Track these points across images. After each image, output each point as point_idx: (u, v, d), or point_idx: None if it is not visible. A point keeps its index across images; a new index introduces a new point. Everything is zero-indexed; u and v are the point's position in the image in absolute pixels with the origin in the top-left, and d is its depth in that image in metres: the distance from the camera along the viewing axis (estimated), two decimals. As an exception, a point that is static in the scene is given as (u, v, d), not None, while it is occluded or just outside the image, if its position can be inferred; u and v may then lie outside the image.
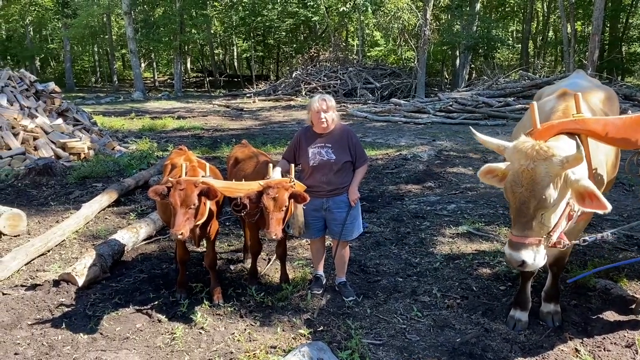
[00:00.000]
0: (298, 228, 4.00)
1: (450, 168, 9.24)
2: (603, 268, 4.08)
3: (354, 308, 4.09)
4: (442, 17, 32.68)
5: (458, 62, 28.17)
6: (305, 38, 37.81)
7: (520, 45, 33.35)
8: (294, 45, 37.61)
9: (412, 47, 27.62)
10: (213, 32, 36.46)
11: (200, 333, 3.76)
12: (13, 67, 26.07)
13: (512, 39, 36.34)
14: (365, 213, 6.39)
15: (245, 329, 3.80)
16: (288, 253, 4.87)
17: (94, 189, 7.74)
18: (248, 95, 27.83)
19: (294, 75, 28.68)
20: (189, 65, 46.30)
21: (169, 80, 42.29)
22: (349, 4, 27.79)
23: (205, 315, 3.95)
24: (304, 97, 24.66)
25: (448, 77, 32.67)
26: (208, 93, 33.24)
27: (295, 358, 3.18)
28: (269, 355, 3.41)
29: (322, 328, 3.78)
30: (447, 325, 3.81)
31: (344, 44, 34.66)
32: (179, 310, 4.05)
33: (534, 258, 2.85)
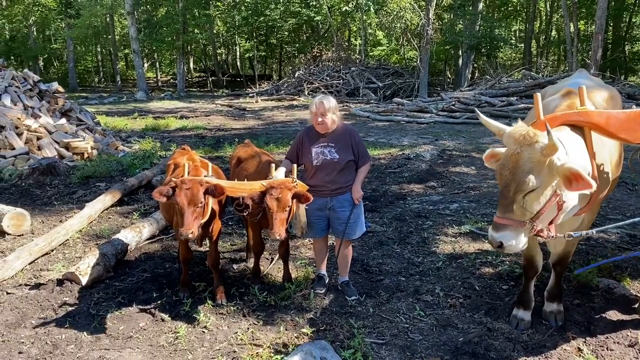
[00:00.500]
0: (300, 228, 4.01)
1: (453, 167, 9.24)
2: (612, 260, 4.07)
3: (357, 307, 4.10)
4: (444, 16, 32.64)
5: (461, 61, 28.12)
6: (308, 38, 37.84)
7: (523, 45, 33.25)
8: (297, 45, 37.60)
9: (414, 46, 27.61)
10: (216, 32, 36.48)
11: (204, 332, 3.77)
12: (16, 67, 26.13)
13: (514, 39, 36.27)
14: (368, 212, 6.39)
15: (248, 328, 3.81)
16: (291, 252, 4.87)
17: (98, 189, 7.77)
18: (251, 95, 27.86)
19: (297, 75, 28.69)
20: (192, 65, 46.35)
21: (172, 80, 42.33)
22: (352, 4, 27.80)
23: (208, 315, 3.97)
24: (307, 96, 24.67)
25: (451, 76, 32.61)
26: (211, 93, 33.28)
27: (298, 357, 3.18)
28: (272, 354, 3.42)
29: (324, 327, 3.78)
30: (449, 325, 3.81)
31: (347, 44, 34.69)
32: (182, 310, 4.06)
33: (513, 240, 2.90)
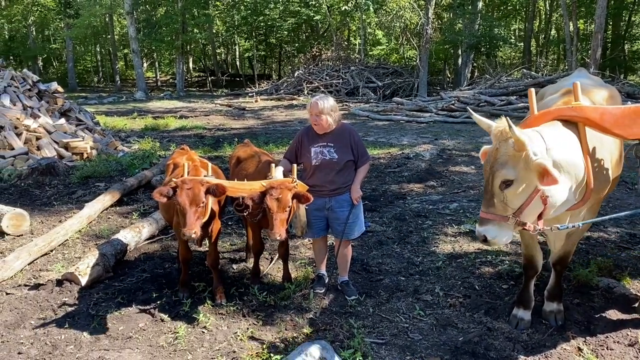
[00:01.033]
0: (300, 228, 4.00)
1: (453, 167, 9.23)
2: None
3: (357, 307, 4.10)
4: (444, 15, 32.64)
5: (460, 60, 28.11)
6: (307, 37, 37.79)
7: (523, 44, 33.23)
8: (296, 45, 37.57)
9: (414, 46, 27.60)
10: (215, 31, 36.44)
11: (203, 332, 3.77)
12: (16, 67, 26.09)
13: (514, 38, 36.25)
14: (368, 212, 6.39)
15: (248, 328, 3.81)
16: (290, 252, 4.87)
17: (97, 189, 7.76)
18: (250, 95, 27.83)
19: (296, 75, 28.66)
20: (191, 65, 46.31)
21: (171, 80, 42.28)
22: (351, 3, 27.76)
23: (208, 315, 3.96)
24: (306, 96, 24.64)
25: (450, 75, 32.59)
26: (210, 92, 33.25)
27: (298, 357, 3.18)
28: (272, 355, 3.42)
29: (324, 327, 3.78)
30: (449, 324, 3.81)
31: (346, 43, 34.64)
32: (182, 310, 4.06)
33: (496, 234, 2.96)
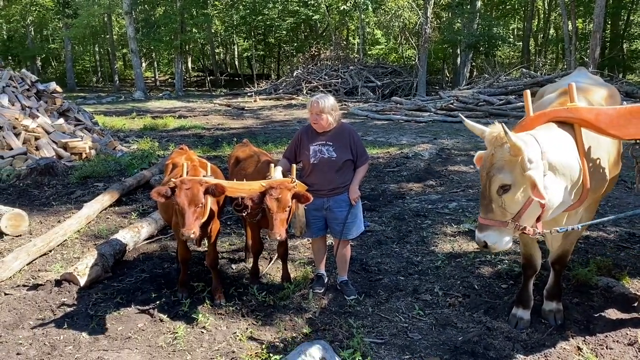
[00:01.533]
0: (299, 228, 4.00)
1: (452, 166, 9.24)
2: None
3: (356, 307, 4.09)
4: (442, 15, 32.64)
5: (459, 60, 28.12)
6: (306, 37, 37.78)
7: (521, 43, 33.28)
8: (295, 44, 37.58)
9: (413, 45, 27.60)
10: (214, 31, 36.43)
11: (202, 332, 3.76)
12: (14, 67, 26.07)
13: (513, 37, 36.29)
14: (367, 212, 6.38)
15: (247, 328, 3.80)
16: (289, 252, 4.87)
17: (96, 189, 7.75)
18: (249, 94, 27.82)
19: (295, 74, 28.65)
20: (190, 65, 46.27)
21: (170, 80, 42.29)
22: (350, 3, 27.75)
23: (207, 315, 3.96)
24: (305, 96, 24.63)
25: (449, 75, 32.60)
26: (209, 92, 33.23)
27: (298, 357, 3.18)
28: (271, 355, 3.41)
29: (323, 327, 3.78)
30: (449, 324, 3.81)
31: (345, 43, 34.65)
32: (181, 310, 4.05)
33: (496, 240, 2.95)
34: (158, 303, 4.17)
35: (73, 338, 3.67)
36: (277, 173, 3.93)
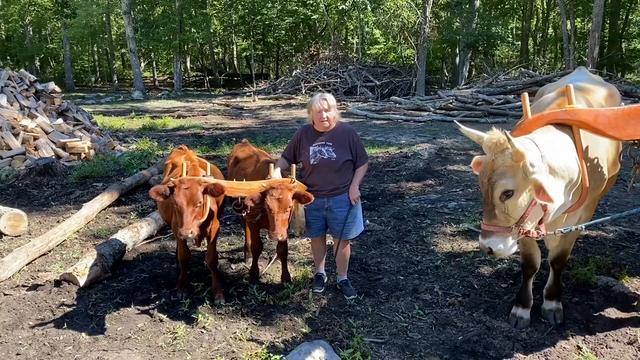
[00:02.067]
0: (299, 228, 3.99)
1: (451, 166, 9.24)
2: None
3: (356, 306, 4.09)
4: (441, 14, 32.68)
5: (458, 59, 28.16)
6: (305, 36, 37.80)
7: (520, 43, 33.30)
8: (294, 44, 37.60)
9: (411, 44, 27.62)
10: (212, 31, 36.43)
11: (202, 332, 3.76)
12: (13, 67, 26.04)
13: (511, 36, 36.29)
14: (366, 211, 6.38)
15: (247, 328, 3.80)
16: (289, 252, 4.87)
17: (95, 189, 7.74)
18: (248, 94, 27.82)
19: (294, 74, 28.68)
20: (189, 65, 46.28)
21: (169, 80, 42.28)
22: (349, 2, 27.75)
23: (207, 315, 3.95)
24: (304, 95, 24.65)
25: (448, 74, 32.65)
26: (208, 92, 33.24)
27: (297, 357, 3.18)
28: (271, 354, 3.41)
29: (323, 327, 3.78)
30: (448, 323, 3.81)
31: (344, 42, 34.68)
32: (181, 310, 4.05)
33: (501, 246, 2.94)
34: (158, 303, 4.17)
35: (73, 338, 3.67)
36: (276, 173, 3.93)
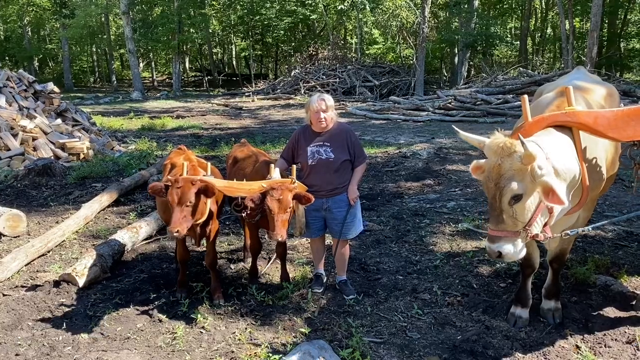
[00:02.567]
0: (299, 228, 3.98)
1: (450, 165, 9.24)
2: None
3: (355, 306, 4.09)
4: (440, 14, 32.69)
5: (457, 59, 28.17)
6: (304, 36, 37.80)
7: (519, 42, 33.33)
8: (293, 44, 37.59)
9: (410, 44, 27.63)
10: (211, 31, 36.41)
11: (201, 332, 3.76)
12: (11, 67, 26.05)
13: (510, 36, 36.33)
14: (365, 211, 6.38)
15: (246, 328, 3.80)
16: (288, 252, 4.87)
17: (94, 189, 7.73)
18: (247, 94, 27.81)
19: (293, 74, 28.67)
20: (188, 65, 46.26)
21: (168, 80, 42.24)
22: (347, 2, 27.77)
23: (206, 315, 3.95)
24: (303, 95, 24.65)
25: (447, 74, 32.66)
26: (207, 92, 33.22)
27: (297, 357, 3.18)
28: (270, 354, 3.41)
29: (322, 327, 3.78)
30: (447, 323, 3.81)
31: (343, 42, 34.67)
32: (180, 310, 4.05)
33: (511, 250, 2.93)
34: (157, 303, 4.17)
35: (72, 339, 3.67)
36: (275, 173, 3.93)
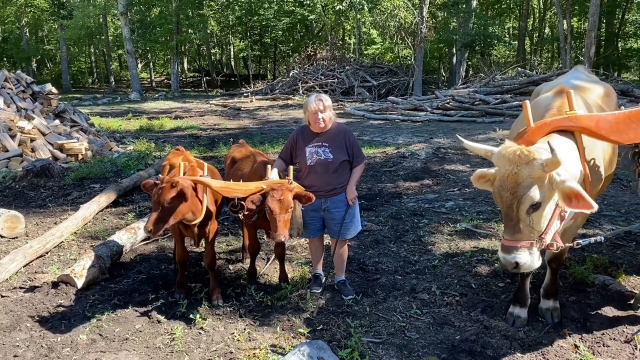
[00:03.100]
0: (297, 229, 3.98)
1: (448, 165, 9.25)
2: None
3: (354, 306, 4.10)
4: (438, 14, 32.70)
5: (455, 59, 28.17)
6: (302, 37, 37.79)
7: (517, 42, 33.39)
8: (291, 44, 37.57)
9: (408, 45, 27.65)
10: (210, 31, 36.35)
11: (200, 333, 3.76)
12: (9, 68, 26.00)
13: (508, 36, 36.35)
14: (364, 211, 6.39)
15: (245, 329, 3.80)
16: (287, 252, 4.87)
17: (92, 190, 7.72)
18: (245, 95, 27.79)
19: (291, 74, 28.65)
20: (186, 65, 46.21)
21: (166, 81, 42.19)
22: (345, 3, 27.77)
23: (205, 315, 3.95)
24: (302, 96, 24.64)
25: (445, 74, 32.68)
26: (205, 93, 33.20)
27: (295, 357, 3.18)
28: (269, 355, 3.41)
29: (321, 327, 3.78)
30: (446, 323, 3.82)
31: (341, 43, 34.71)
32: (178, 311, 4.04)
33: (528, 260, 2.87)
34: (155, 304, 4.17)
35: (70, 340, 3.66)
36: (273, 174, 3.93)
